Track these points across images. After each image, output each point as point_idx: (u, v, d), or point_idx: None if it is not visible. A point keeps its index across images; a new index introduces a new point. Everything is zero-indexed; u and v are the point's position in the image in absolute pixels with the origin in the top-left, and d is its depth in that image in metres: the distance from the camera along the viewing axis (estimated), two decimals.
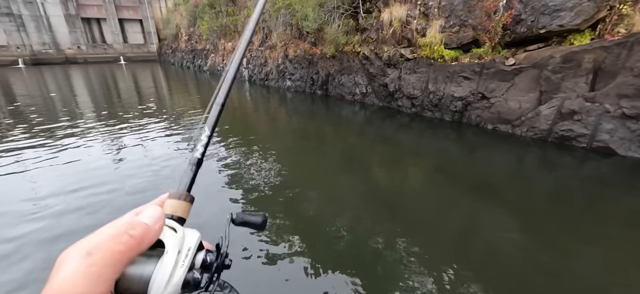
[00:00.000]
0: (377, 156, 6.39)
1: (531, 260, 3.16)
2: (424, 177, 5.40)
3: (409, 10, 8.28)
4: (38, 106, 10.82)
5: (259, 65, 15.98)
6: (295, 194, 4.57)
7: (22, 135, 7.40)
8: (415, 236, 3.54)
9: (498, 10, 6.78)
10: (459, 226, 3.79)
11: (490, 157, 6.09)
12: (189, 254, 0.41)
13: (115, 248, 0.35)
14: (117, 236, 0.36)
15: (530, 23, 6.26)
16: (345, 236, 3.57)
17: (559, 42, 6.10)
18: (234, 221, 0.53)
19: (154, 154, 6.13)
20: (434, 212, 4.10)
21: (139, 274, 0.37)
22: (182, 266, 0.39)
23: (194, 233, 0.43)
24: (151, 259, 0.38)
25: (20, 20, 31.18)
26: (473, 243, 3.49)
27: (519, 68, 6.27)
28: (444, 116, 7.90)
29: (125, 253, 0.35)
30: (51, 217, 3.94)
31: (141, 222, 0.39)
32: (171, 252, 0.39)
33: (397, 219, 3.93)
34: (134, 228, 0.37)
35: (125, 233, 0.36)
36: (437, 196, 4.58)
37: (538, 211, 4.11)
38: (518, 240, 3.49)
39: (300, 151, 6.82)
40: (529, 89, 6.24)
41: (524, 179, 5.21)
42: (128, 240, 0.36)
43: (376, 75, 9.64)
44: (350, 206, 4.23)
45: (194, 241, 0.42)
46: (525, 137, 6.44)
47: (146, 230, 0.38)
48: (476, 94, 7.04)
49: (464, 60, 7.40)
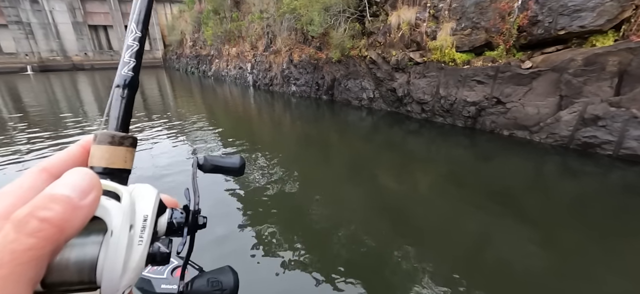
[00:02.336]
0: (385, 163, 6.17)
1: (550, 276, 2.90)
2: (434, 185, 5.14)
3: (418, 13, 8.05)
4: (44, 112, 10.81)
5: (263, 71, 15.86)
6: (300, 202, 4.40)
7: (24, 138, 7.36)
8: (425, 247, 3.36)
9: (513, 12, 6.51)
10: (472, 237, 3.56)
11: (505, 164, 5.79)
12: (147, 225, 0.29)
13: (21, 245, 0.20)
14: (22, 223, 0.21)
15: (548, 24, 5.98)
16: (350, 245, 3.42)
17: (579, 44, 5.80)
18: (202, 167, 0.41)
19: (158, 162, 5.97)
20: (445, 222, 3.88)
21: (75, 259, 0.25)
22: (140, 244, 0.28)
23: (148, 191, 0.31)
24: (91, 235, 0.26)
25: (28, 28, 31.79)
26: (486, 255, 3.27)
27: (537, 71, 5.97)
28: (456, 121, 7.61)
29: (39, 250, 0.20)
30: None
31: (61, 195, 0.23)
32: (119, 231, 0.26)
33: (406, 229, 3.73)
34: (47, 208, 0.22)
35: (33, 217, 0.21)
36: (448, 205, 4.33)
37: (558, 222, 3.83)
38: (536, 254, 3.23)
39: (305, 157, 6.63)
40: (547, 94, 5.94)
41: (543, 188, 4.92)
42: (38, 229, 0.21)
43: (384, 79, 9.39)
44: (356, 214, 4.05)
45: (150, 205, 0.30)
46: (544, 144, 6.12)
47: (70, 208, 0.23)
48: (490, 99, 6.74)
49: (476, 63, 7.12)
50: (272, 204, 4.34)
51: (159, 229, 0.33)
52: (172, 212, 0.34)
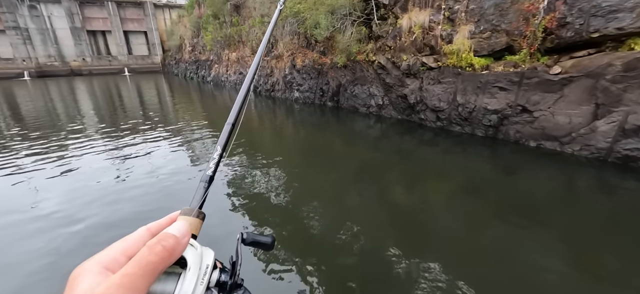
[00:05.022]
0: (396, 174, 5.80)
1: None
2: (452, 199, 4.71)
3: (431, 15, 7.56)
4: (41, 118, 10.26)
5: (265, 76, 15.36)
6: (304, 214, 4.20)
7: (20, 146, 7.19)
8: (439, 264, 3.11)
9: (538, 13, 6.02)
10: (494, 255, 3.29)
11: (532, 178, 5.28)
12: (207, 272, 0.40)
13: (150, 258, 0.34)
14: (152, 246, 0.35)
15: (579, 26, 5.48)
16: (357, 261, 3.26)
17: (614, 48, 5.29)
18: (244, 241, 0.52)
19: (160, 170, 5.76)
20: (461, 238, 3.61)
21: (161, 291, 0.36)
22: (202, 284, 0.39)
23: (209, 251, 0.43)
24: (171, 277, 0.38)
25: (26, 34, 31.40)
26: (510, 276, 2.98)
27: (569, 78, 5.45)
28: (475, 130, 7.06)
29: (158, 264, 0.34)
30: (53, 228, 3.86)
31: (172, 234, 0.38)
32: (193, 269, 0.38)
33: (417, 244, 3.52)
34: (166, 240, 0.37)
35: (159, 244, 0.36)
36: (467, 220, 3.99)
37: (592, 243, 3.43)
38: (566, 277, 2.93)
39: (310, 167, 6.25)
40: (581, 102, 5.41)
41: (575, 204, 4.44)
42: (161, 251, 0.35)
43: (393, 85, 8.88)
44: (364, 227, 3.83)
45: (211, 259, 0.42)
46: (578, 156, 5.57)
47: (176, 242, 0.38)
48: (515, 107, 6.21)
49: (496, 68, 6.61)
50: (272, 214, 4.22)
51: (211, 280, 0.41)
52: (221, 271, 0.43)
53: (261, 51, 0.78)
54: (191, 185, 5.09)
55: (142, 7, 35.57)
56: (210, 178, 0.52)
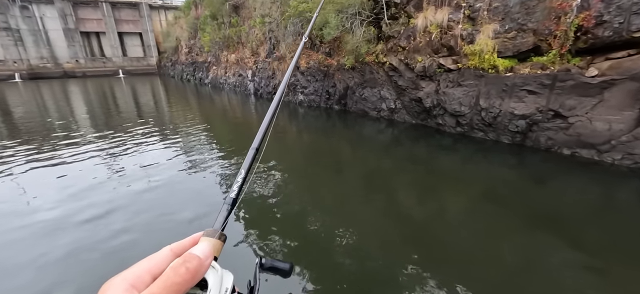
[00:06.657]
0: (410, 181, 5.45)
1: None
2: (474, 210, 4.35)
3: (450, 14, 7.09)
4: (32, 122, 9.57)
5: (266, 78, 14.81)
6: (311, 222, 3.99)
7: (10, 155, 6.60)
8: (457, 282, 2.87)
9: (570, 12, 5.57)
10: (514, 271, 3.04)
11: (564, 188, 4.87)
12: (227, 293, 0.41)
13: (175, 279, 0.35)
14: (176, 268, 0.36)
15: (618, 25, 5.04)
16: (367, 272, 3.10)
17: None
18: (263, 266, 0.54)
19: (151, 174, 5.42)
20: (481, 252, 3.35)
21: None
22: None
23: (229, 274, 0.43)
24: (197, 290, 0.38)
25: (18, 35, 30.49)
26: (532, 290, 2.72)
27: (610, 80, 5.00)
28: (500, 137, 6.58)
29: (182, 286, 0.35)
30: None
31: (196, 255, 0.39)
32: (213, 291, 0.39)
33: (435, 260, 3.26)
34: (190, 261, 0.37)
35: (183, 265, 0.36)
36: (486, 232, 3.72)
37: (632, 265, 3.08)
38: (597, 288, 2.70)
39: (316, 173, 5.91)
40: (623, 107, 4.96)
41: (612, 219, 4.01)
42: (185, 273, 0.36)
43: (406, 88, 8.40)
44: (375, 237, 3.66)
45: (230, 282, 0.42)
46: (619, 166, 5.11)
47: (200, 264, 0.38)
48: (546, 112, 5.74)
49: (522, 70, 6.15)
50: (276, 222, 4.01)
51: None
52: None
53: (285, 82, 0.85)
54: (187, 197, 4.73)
55: (137, 8, 34.82)
56: (233, 201, 0.53)
